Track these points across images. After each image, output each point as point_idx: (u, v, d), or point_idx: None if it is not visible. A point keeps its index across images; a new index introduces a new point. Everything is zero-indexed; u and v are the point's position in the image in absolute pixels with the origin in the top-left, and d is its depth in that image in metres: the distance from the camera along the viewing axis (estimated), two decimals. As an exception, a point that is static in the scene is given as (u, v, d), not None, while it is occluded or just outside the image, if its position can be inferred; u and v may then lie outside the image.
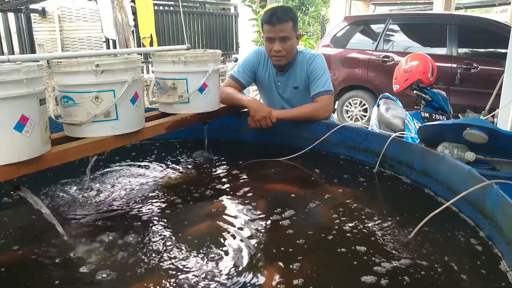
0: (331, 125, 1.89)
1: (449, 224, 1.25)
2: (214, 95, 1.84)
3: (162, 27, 7.19)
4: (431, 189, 1.48)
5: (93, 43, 6.09)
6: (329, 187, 1.61)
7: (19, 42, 5.60)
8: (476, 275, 1.01)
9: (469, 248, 1.12)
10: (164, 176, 1.70)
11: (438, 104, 2.98)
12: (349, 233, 1.20)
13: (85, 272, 1.02)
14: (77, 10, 5.86)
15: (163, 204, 1.43)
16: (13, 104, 1.03)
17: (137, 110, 1.44)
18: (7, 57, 1.19)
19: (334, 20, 9.50)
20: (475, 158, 1.66)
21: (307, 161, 1.86)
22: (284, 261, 1.06)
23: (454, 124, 1.69)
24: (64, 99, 1.34)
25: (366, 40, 6.06)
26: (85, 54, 1.67)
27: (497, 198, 1.08)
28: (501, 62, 4.32)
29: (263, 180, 1.66)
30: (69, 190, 1.53)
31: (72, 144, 1.28)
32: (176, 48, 1.88)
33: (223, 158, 1.90)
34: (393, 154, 1.65)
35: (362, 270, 1.01)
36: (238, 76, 2.15)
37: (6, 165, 1.05)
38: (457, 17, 5.57)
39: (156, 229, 1.24)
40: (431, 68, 3.02)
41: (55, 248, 1.14)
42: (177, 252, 1.10)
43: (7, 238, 1.23)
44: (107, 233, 1.21)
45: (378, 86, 5.60)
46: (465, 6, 12.26)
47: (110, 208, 1.40)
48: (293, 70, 2.09)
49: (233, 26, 8.70)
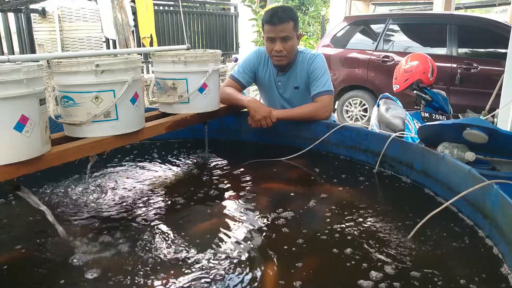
0: (331, 125, 1.89)
1: (449, 224, 1.25)
2: (214, 95, 1.84)
3: (162, 27, 7.19)
4: (431, 189, 1.48)
5: (93, 43, 6.09)
6: (329, 187, 1.61)
7: (19, 42, 5.59)
8: (476, 275, 1.01)
9: (469, 248, 1.12)
10: (164, 176, 1.70)
11: (438, 104, 2.98)
12: (349, 233, 1.20)
13: (85, 272, 1.02)
14: (77, 10, 5.86)
15: (163, 204, 1.43)
16: (13, 104, 1.03)
17: (137, 110, 1.44)
18: (7, 57, 1.19)
19: (334, 20, 9.50)
20: (475, 158, 1.66)
21: (307, 161, 1.86)
22: (284, 261, 1.06)
23: (454, 124, 1.69)
24: (64, 99, 1.34)
25: (366, 40, 6.06)
26: (85, 54, 1.67)
27: (497, 198, 1.08)
28: (501, 62, 4.32)
29: (263, 180, 1.66)
30: (69, 190, 1.53)
31: (72, 144, 1.28)
32: (176, 48, 1.88)
33: (223, 158, 1.90)
34: (393, 154, 1.65)
35: (361, 269, 1.01)
36: (238, 76, 2.15)
37: (6, 165, 1.05)
38: (457, 17, 5.57)
39: (156, 229, 1.24)
40: (431, 68, 3.01)
41: (55, 247, 1.15)
42: (177, 252, 1.10)
43: (7, 238, 1.23)
44: (107, 232, 1.21)
45: (378, 86, 5.60)
46: (465, 6, 12.26)
47: (110, 208, 1.40)
48: (294, 70, 2.09)
49: (233, 26, 8.70)
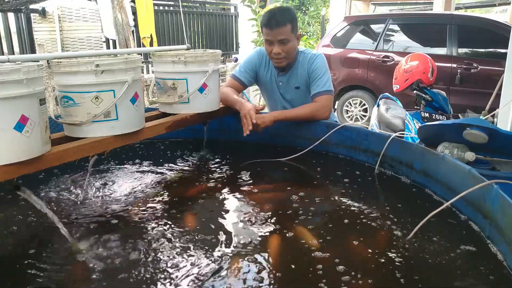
0: (331, 125, 1.89)
1: (449, 224, 1.25)
2: (214, 95, 1.84)
3: (162, 27, 7.18)
4: (431, 189, 1.48)
5: (93, 43, 6.08)
6: (329, 187, 1.61)
7: (19, 42, 5.59)
8: (476, 275, 1.01)
9: (469, 248, 1.12)
10: (164, 176, 1.70)
11: (438, 104, 2.98)
12: (349, 233, 1.20)
13: (85, 271, 1.02)
14: (77, 10, 5.86)
15: (163, 204, 1.43)
16: (13, 104, 1.03)
17: (137, 110, 1.44)
18: (7, 57, 1.19)
19: (334, 20, 9.50)
20: (475, 158, 1.66)
21: (307, 161, 1.86)
22: (284, 261, 1.06)
23: (454, 124, 1.69)
24: (64, 99, 1.34)
25: (366, 40, 6.07)
26: (85, 54, 1.67)
27: (497, 198, 1.08)
28: (501, 62, 4.32)
29: (263, 180, 1.66)
30: (69, 190, 1.53)
31: (72, 144, 1.28)
32: (176, 48, 1.88)
33: (223, 158, 1.90)
34: (393, 154, 1.65)
35: (361, 269, 1.01)
36: (240, 75, 2.15)
37: (6, 165, 1.05)
38: (457, 17, 5.57)
39: (155, 229, 1.24)
40: (431, 68, 3.02)
41: (55, 247, 1.15)
42: (177, 252, 1.10)
43: (7, 238, 1.23)
44: (107, 232, 1.21)
45: (378, 86, 5.60)
46: (465, 6, 12.26)
47: (110, 208, 1.40)
48: (295, 70, 2.09)
49: (233, 26, 8.70)
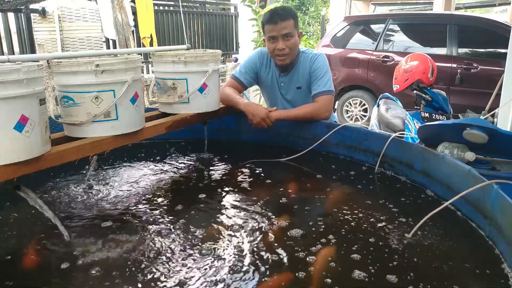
0: (331, 125, 1.89)
1: (449, 224, 1.25)
2: (214, 95, 1.84)
3: (162, 27, 7.18)
4: (431, 189, 1.48)
5: (93, 43, 6.08)
6: (329, 187, 1.61)
7: (19, 42, 5.59)
8: (476, 275, 1.01)
9: (469, 248, 1.12)
10: (164, 176, 1.70)
11: (438, 104, 2.99)
12: (349, 233, 1.20)
13: (86, 271, 1.02)
14: (77, 10, 5.86)
15: (163, 204, 1.43)
16: (13, 104, 1.03)
17: (137, 110, 1.44)
18: (7, 57, 1.19)
19: (334, 20, 9.51)
20: (475, 158, 1.67)
21: (307, 161, 1.86)
22: (284, 261, 1.06)
23: (454, 124, 1.69)
24: (64, 99, 1.34)
25: (366, 40, 6.07)
26: (85, 54, 1.67)
27: (497, 198, 1.08)
28: (501, 62, 4.32)
29: (263, 180, 1.66)
30: (69, 190, 1.53)
31: (72, 144, 1.28)
32: (176, 48, 1.88)
33: (223, 158, 1.90)
34: (393, 154, 1.65)
35: (361, 269, 1.01)
36: (240, 76, 2.15)
37: (6, 165, 1.05)
38: (457, 17, 5.58)
39: (155, 229, 1.24)
40: (431, 68, 3.02)
41: (55, 247, 1.15)
42: (177, 252, 1.10)
43: (7, 238, 1.23)
44: (107, 232, 1.21)
45: (378, 86, 5.60)
46: (465, 6, 12.25)
47: (110, 208, 1.39)
48: (296, 70, 2.09)
49: (233, 26, 8.69)
